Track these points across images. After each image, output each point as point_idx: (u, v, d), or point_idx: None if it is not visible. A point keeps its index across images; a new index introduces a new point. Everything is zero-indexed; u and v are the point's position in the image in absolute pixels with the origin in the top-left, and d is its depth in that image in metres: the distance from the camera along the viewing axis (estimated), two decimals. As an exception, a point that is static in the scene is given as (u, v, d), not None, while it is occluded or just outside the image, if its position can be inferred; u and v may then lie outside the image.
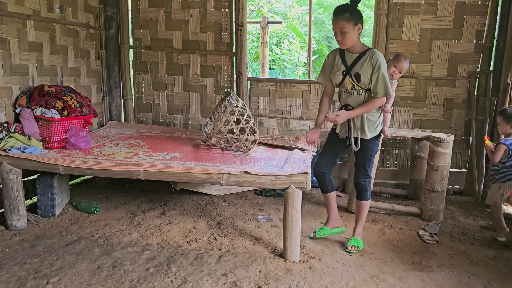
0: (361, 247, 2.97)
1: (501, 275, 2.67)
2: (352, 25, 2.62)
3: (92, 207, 3.55)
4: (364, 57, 2.71)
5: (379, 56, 2.68)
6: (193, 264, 2.69)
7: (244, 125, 3.39)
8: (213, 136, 3.40)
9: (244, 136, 3.38)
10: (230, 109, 3.31)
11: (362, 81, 2.73)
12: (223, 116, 3.31)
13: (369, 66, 2.69)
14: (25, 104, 3.46)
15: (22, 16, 3.53)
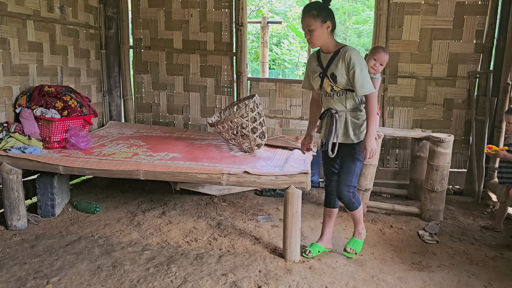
0: (359, 250, 2.86)
1: (501, 275, 2.67)
2: (320, 23, 2.46)
3: (92, 207, 3.55)
4: (338, 56, 2.52)
5: (351, 53, 2.48)
6: (193, 264, 2.69)
7: (257, 125, 3.42)
8: (225, 122, 3.39)
9: (253, 136, 3.40)
10: (251, 105, 3.37)
11: (339, 82, 2.54)
12: (243, 108, 3.36)
13: (343, 65, 2.50)
14: (25, 104, 3.46)
15: (22, 16, 3.53)
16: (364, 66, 2.50)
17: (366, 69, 2.51)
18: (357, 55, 2.49)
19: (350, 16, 15.18)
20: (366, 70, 2.50)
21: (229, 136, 3.52)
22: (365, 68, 2.50)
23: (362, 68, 2.48)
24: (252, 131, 3.41)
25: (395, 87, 4.46)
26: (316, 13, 2.46)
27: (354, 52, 2.50)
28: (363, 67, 2.48)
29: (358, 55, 2.50)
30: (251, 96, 3.69)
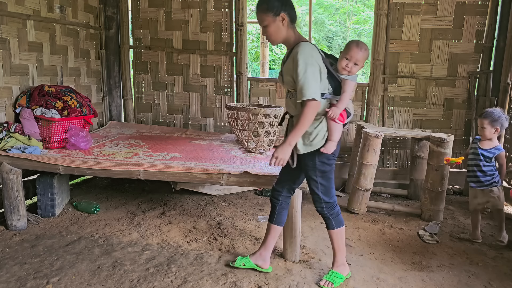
0: (336, 284, 2.44)
1: (501, 275, 2.67)
2: (272, 16, 2.21)
3: (92, 207, 3.55)
4: (291, 52, 2.25)
5: (299, 49, 2.17)
6: (193, 264, 2.69)
7: (271, 132, 3.48)
8: (248, 112, 3.41)
9: (264, 138, 3.45)
10: (277, 112, 3.46)
11: (286, 81, 2.30)
12: (268, 109, 3.41)
13: (291, 62, 2.21)
14: (25, 104, 3.46)
15: (22, 16, 3.53)
16: (310, 66, 2.14)
17: (313, 69, 2.15)
18: (304, 52, 2.16)
19: (350, 16, 15.19)
20: (311, 71, 2.14)
21: (240, 127, 3.52)
22: (310, 69, 2.14)
23: (306, 69, 2.13)
24: (264, 134, 3.45)
25: (395, 87, 4.47)
26: (267, 7, 2.21)
27: (303, 48, 2.17)
28: (307, 68, 2.14)
29: (306, 52, 2.16)
30: (276, 106, 3.74)
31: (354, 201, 3.74)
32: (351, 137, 4.59)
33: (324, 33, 15.36)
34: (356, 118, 4.59)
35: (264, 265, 2.59)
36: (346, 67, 2.29)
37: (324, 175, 2.36)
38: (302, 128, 2.19)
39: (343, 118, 2.32)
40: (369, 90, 4.47)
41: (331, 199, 2.42)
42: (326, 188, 2.39)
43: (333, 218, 2.44)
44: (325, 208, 2.42)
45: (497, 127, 3.02)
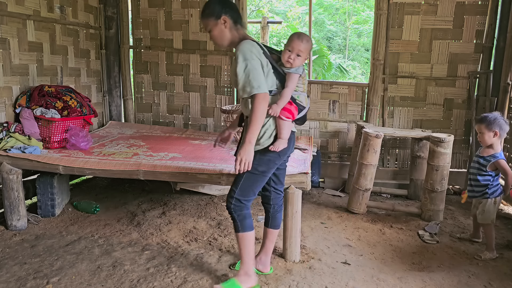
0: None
1: (501, 275, 2.67)
2: (214, 20, 2.21)
3: (92, 207, 3.55)
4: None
5: (239, 47, 2.14)
6: (193, 264, 2.69)
7: None
8: (236, 113, 3.41)
9: None
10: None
11: (233, 81, 2.28)
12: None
13: (234, 62, 2.17)
14: (25, 104, 3.46)
15: (22, 16, 3.53)
16: (250, 61, 2.10)
17: (253, 64, 2.10)
18: (242, 49, 2.12)
19: (350, 16, 15.20)
20: (252, 66, 2.10)
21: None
22: (250, 63, 2.10)
23: (247, 65, 2.10)
24: None
25: (395, 87, 4.47)
26: (208, 12, 2.23)
27: (242, 45, 2.14)
28: (247, 63, 2.10)
29: (244, 49, 2.12)
30: None
31: (354, 201, 3.74)
32: (351, 137, 4.59)
33: (324, 33, 15.37)
34: (356, 118, 4.60)
35: (265, 269, 2.58)
36: (289, 59, 2.23)
37: (254, 173, 2.26)
38: (256, 123, 2.13)
39: (292, 114, 2.25)
40: (369, 90, 4.47)
41: (244, 200, 2.30)
42: (247, 187, 2.28)
43: (239, 220, 2.31)
44: (233, 205, 2.29)
45: (495, 130, 2.83)
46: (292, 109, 2.26)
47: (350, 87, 4.60)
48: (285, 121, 2.24)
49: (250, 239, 2.35)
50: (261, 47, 2.20)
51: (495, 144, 2.88)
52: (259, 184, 2.34)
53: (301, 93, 2.31)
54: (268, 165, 2.29)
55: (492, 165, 2.88)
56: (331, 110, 4.62)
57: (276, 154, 2.27)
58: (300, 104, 2.30)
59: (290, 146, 2.35)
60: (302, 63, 2.26)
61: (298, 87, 2.30)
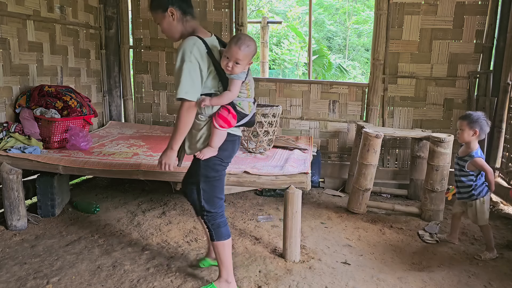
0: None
1: (501, 275, 2.67)
2: (161, 13, 2.11)
3: (92, 207, 3.55)
4: None
5: (181, 44, 2.05)
6: (193, 264, 2.69)
7: (270, 131, 3.47)
8: None
9: (263, 138, 3.44)
10: (276, 111, 3.43)
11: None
12: (266, 109, 3.40)
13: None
14: (25, 104, 3.46)
15: (22, 16, 3.53)
16: (186, 62, 2.00)
17: (189, 66, 2.00)
18: (183, 47, 2.02)
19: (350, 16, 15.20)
20: (187, 69, 2.00)
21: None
22: (186, 65, 2.00)
23: (181, 66, 2.00)
24: (264, 134, 3.45)
25: (395, 87, 4.47)
26: (156, 4, 2.14)
27: (184, 43, 2.04)
28: (182, 65, 2.00)
29: (185, 47, 2.02)
30: (274, 105, 3.72)
31: (354, 201, 3.74)
32: (351, 137, 4.59)
33: (324, 33, 15.38)
34: (356, 118, 4.60)
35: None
36: (227, 67, 2.05)
37: (207, 181, 2.20)
38: (178, 130, 2.07)
39: (227, 123, 2.11)
40: (369, 90, 4.47)
41: (214, 209, 2.23)
42: (209, 196, 2.22)
43: (213, 229, 2.25)
44: (205, 217, 2.25)
45: (476, 129, 2.82)
46: (229, 118, 2.11)
47: (350, 87, 4.60)
48: (217, 129, 2.11)
49: (227, 247, 2.30)
50: (206, 46, 2.06)
51: (472, 143, 2.88)
52: (218, 188, 2.25)
53: (244, 99, 2.18)
54: (215, 169, 2.20)
55: (470, 164, 2.87)
56: (331, 110, 4.63)
57: (218, 159, 2.18)
58: (241, 111, 2.17)
59: (235, 150, 2.27)
60: (242, 70, 2.07)
61: (242, 93, 2.15)
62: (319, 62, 11.80)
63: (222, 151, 2.18)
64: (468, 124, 2.84)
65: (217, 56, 2.09)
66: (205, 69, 2.05)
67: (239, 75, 2.09)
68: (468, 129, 2.84)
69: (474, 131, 2.83)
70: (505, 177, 4.08)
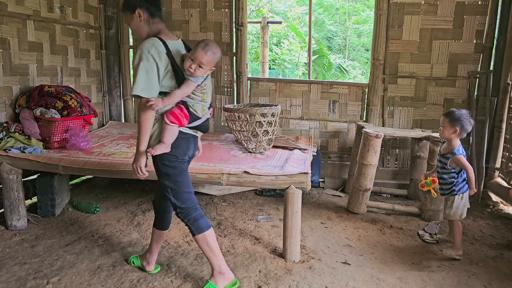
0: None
1: (501, 275, 2.67)
2: (130, 14, 2.17)
3: (92, 207, 3.55)
4: None
5: (141, 44, 2.12)
6: (193, 264, 2.69)
7: (270, 131, 3.47)
8: (245, 113, 3.41)
9: (263, 138, 3.45)
10: (274, 111, 3.44)
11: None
12: (265, 109, 3.39)
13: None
14: (25, 104, 3.46)
15: (22, 16, 3.53)
16: (143, 61, 2.05)
17: (145, 65, 2.05)
18: (141, 47, 2.08)
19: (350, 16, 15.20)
20: (143, 67, 2.05)
21: (239, 128, 3.52)
22: (142, 64, 2.05)
23: (138, 64, 2.06)
24: (263, 134, 3.45)
25: (395, 87, 4.47)
26: (125, 5, 2.20)
27: (142, 44, 2.11)
28: (139, 63, 2.05)
29: (142, 47, 2.08)
30: (273, 105, 3.73)
31: (354, 201, 3.74)
32: (351, 137, 4.59)
33: (324, 33, 15.38)
34: (356, 118, 4.60)
35: (148, 267, 2.56)
36: (190, 68, 2.10)
37: (169, 178, 2.23)
38: (140, 129, 2.14)
39: (178, 120, 2.14)
40: (369, 90, 4.47)
41: (185, 204, 2.27)
42: (176, 192, 2.25)
43: (191, 224, 2.28)
44: (179, 214, 2.28)
45: (457, 128, 2.81)
46: (181, 116, 2.15)
47: (350, 87, 4.60)
48: (168, 125, 2.13)
49: (210, 238, 2.31)
50: (166, 47, 2.10)
51: (453, 140, 2.87)
52: (183, 183, 2.28)
53: (198, 102, 2.21)
54: (172, 165, 2.23)
55: (451, 162, 2.87)
56: (331, 110, 4.63)
57: (172, 156, 2.21)
58: (193, 113, 2.20)
59: (190, 148, 2.29)
60: (204, 74, 2.14)
61: (196, 96, 2.19)
62: (319, 62, 11.80)
63: (176, 148, 2.21)
64: (449, 122, 2.85)
65: (177, 59, 2.15)
66: (162, 69, 2.10)
67: (197, 79, 2.14)
68: (449, 126, 2.84)
69: (454, 129, 2.82)
70: (505, 177, 4.08)
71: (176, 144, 2.21)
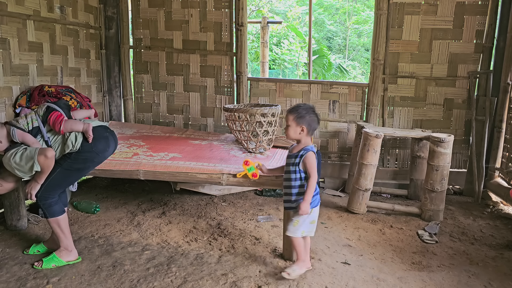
0: (46, 265, 2.59)
1: (501, 275, 2.67)
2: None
3: (92, 207, 3.55)
4: None
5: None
6: (193, 264, 2.69)
7: (270, 131, 3.47)
8: (245, 113, 3.40)
9: (263, 138, 3.45)
10: (275, 111, 3.43)
11: None
12: (265, 109, 3.39)
13: None
14: (25, 104, 3.46)
15: (22, 16, 3.53)
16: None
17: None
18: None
19: (350, 16, 15.20)
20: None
21: (239, 128, 3.52)
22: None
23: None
24: (263, 134, 3.45)
25: (395, 87, 4.47)
26: None
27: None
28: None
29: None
30: (273, 105, 3.72)
31: (354, 201, 3.74)
32: (351, 137, 4.59)
33: (324, 33, 15.38)
34: (356, 118, 4.60)
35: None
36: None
37: (67, 169, 2.63)
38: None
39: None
40: (369, 90, 4.47)
41: (49, 195, 2.60)
42: (54, 185, 2.61)
43: (45, 208, 2.60)
44: (38, 198, 2.58)
45: (303, 126, 2.45)
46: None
47: (350, 87, 4.60)
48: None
49: (61, 221, 2.63)
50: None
51: (303, 139, 2.50)
52: (71, 180, 2.72)
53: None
54: (85, 163, 2.66)
55: (302, 162, 2.45)
56: (331, 110, 4.63)
57: (93, 154, 2.65)
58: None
59: (110, 145, 2.77)
60: (4, 146, 2.55)
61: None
62: (319, 62, 11.80)
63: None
64: (295, 120, 2.45)
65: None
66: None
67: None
68: (295, 125, 2.46)
69: (301, 127, 2.46)
70: (505, 177, 4.08)
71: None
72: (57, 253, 2.64)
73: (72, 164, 2.63)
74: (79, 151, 2.61)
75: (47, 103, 2.70)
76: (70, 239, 2.69)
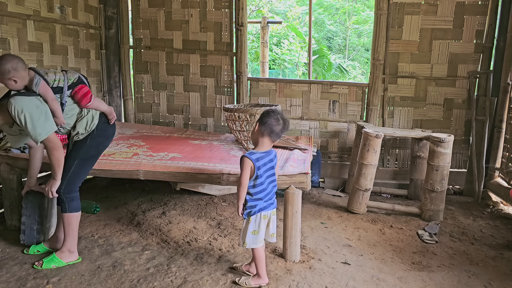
0: (46, 266, 2.57)
1: (501, 275, 2.67)
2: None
3: (92, 207, 3.55)
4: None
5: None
6: (193, 264, 2.69)
7: None
8: (245, 113, 3.40)
9: None
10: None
11: None
12: (266, 109, 3.37)
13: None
14: (25, 104, 3.45)
15: (22, 16, 3.53)
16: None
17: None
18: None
19: (350, 16, 15.20)
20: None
21: (239, 128, 3.53)
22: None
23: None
24: None
25: (395, 87, 4.47)
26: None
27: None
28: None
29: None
30: (273, 105, 3.73)
31: (354, 201, 3.74)
32: (351, 137, 4.59)
33: (324, 33, 15.38)
34: (356, 118, 4.60)
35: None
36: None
37: (83, 158, 2.72)
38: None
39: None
40: (369, 90, 4.47)
41: (74, 187, 2.73)
42: (75, 177, 2.74)
43: (67, 201, 2.62)
44: (62, 190, 2.62)
45: (266, 131, 2.34)
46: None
47: (350, 87, 4.60)
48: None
49: (76, 218, 2.65)
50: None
51: (262, 143, 2.38)
52: (88, 169, 2.79)
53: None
54: (98, 148, 2.73)
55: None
56: (331, 110, 4.63)
57: (105, 138, 2.74)
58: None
59: (115, 132, 2.87)
60: (18, 87, 2.37)
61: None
62: (319, 62, 11.80)
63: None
64: (259, 125, 2.36)
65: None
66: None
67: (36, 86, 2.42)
68: (259, 130, 2.36)
69: (263, 133, 2.34)
70: (505, 177, 4.08)
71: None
72: (58, 254, 2.62)
73: (88, 151, 2.67)
74: (92, 136, 2.63)
75: (80, 74, 2.65)
76: (76, 240, 2.69)
